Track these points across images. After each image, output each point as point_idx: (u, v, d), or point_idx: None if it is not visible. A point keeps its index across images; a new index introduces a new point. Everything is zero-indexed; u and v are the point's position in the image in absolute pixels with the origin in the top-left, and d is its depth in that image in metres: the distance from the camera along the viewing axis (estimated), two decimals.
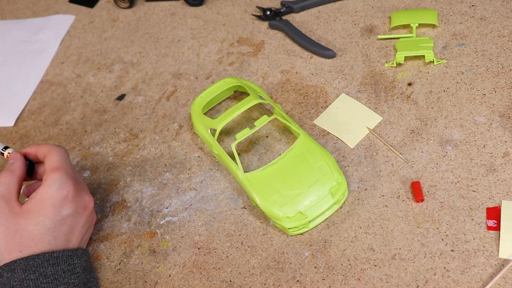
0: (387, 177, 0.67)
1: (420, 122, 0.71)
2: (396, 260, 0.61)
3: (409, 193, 0.65)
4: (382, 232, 0.63)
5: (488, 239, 0.60)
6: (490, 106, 0.70)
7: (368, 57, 0.80)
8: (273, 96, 0.79)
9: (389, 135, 0.71)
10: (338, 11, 0.88)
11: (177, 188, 0.73)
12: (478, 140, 0.67)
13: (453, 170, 0.66)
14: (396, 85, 0.75)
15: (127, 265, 0.67)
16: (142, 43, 0.93)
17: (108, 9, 1.01)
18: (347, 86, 0.77)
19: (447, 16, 0.81)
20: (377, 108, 0.74)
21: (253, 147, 0.74)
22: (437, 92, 0.73)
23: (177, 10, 0.97)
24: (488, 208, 0.62)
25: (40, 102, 0.89)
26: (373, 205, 0.65)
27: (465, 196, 0.63)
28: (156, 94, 0.84)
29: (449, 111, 0.71)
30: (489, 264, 0.58)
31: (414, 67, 0.77)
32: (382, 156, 0.69)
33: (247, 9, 0.93)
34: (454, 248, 0.60)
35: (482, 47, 0.76)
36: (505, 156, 0.65)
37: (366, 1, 0.88)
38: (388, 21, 0.83)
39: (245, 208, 0.69)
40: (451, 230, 0.61)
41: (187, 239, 0.68)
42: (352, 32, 0.84)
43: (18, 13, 1.06)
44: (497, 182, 0.64)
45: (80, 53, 0.95)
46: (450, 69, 0.75)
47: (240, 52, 0.87)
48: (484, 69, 0.74)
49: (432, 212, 0.63)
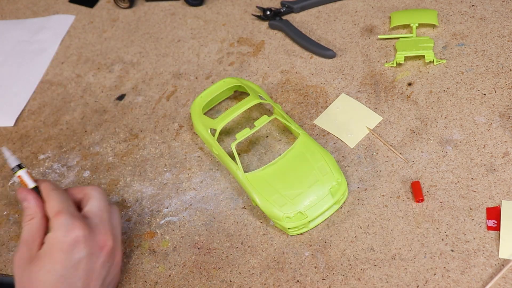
0: (387, 177, 0.67)
1: (420, 122, 0.71)
2: (396, 260, 0.60)
3: (409, 193, 0.65)
4: (382, 232, 0.63)
5: (488, 239, 0.60)
6: (490, 106, 0.70)
7: (368, 57, 0.80)
8: (273, 96, 0.79)
9: (389, 135, 0.71)
10: (338, 11, 0.88)
11: (177, 188, 0.73)
12: (478, 140, 0.67)
13: (453, 170, 0.66)
14: (396, 85, 0.75)
15: (127, 265, 0.67)
16: (142, 43, 0.93)
17: (108, 9, 1.01)
18: (347, 86, 0.77)
19: (447, 16, 0.81)
20: (377, 108, 0.74)
21: (253, 147, 0.74)
22: (437, 92, 0.73)
23: (177, 10, 0.97)
24: (488, 208, 0.62)
25: (40, 102, 0.89)
26: (373, 205, 0.65)
27: (465, 196, 0.63)
28: (156, 94, 0.84)
29: (449, 111, 0.71)
30: (489, 264, 0.58)
31: (414, 67, 0.76)
32: (382, 156, 0.69)
33: (247, 9, 0.93)
34: (454, 248, 0.60)
35: (482, 47, 0.76)
36: (505, 156, 0.65)
37: (366, 1, 0.87)
38: (388, 21, 0.83)
39: (245, 208, 0.69)
40: (451, 230, 0.61)
41: (187, 239, 0.68)
42: (352, 32, 0.84)
43: (18, 13, 1.06)
44: (497, 182, 0.63)
45: (80, 53, 0.95)
46: (450, 69, 0.75)
47: (240, 52, 0.87)
48: (484, 69, 0.74)
49: (432, 212, 0.63)
